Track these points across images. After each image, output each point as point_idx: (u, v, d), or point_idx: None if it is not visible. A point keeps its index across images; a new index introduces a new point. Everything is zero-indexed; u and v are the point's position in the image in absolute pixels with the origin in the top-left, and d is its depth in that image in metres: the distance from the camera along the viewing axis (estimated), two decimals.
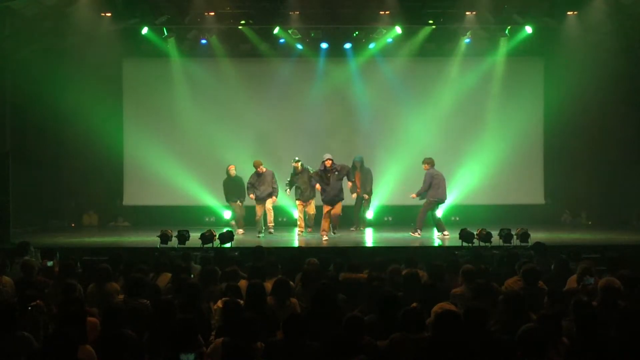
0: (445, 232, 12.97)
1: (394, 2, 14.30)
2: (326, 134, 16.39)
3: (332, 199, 12.93)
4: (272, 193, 13.32)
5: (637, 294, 6.39)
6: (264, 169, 13.39)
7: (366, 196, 14.45)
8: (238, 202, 14.16)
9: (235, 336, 5.00)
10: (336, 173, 12.95)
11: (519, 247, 10.33)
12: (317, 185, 13.03)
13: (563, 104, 15.84)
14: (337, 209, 13.06)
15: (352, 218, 14.66)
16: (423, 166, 13.40)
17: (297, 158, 13.51)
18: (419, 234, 13.00)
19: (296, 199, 13.51)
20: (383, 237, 13.66)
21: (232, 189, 14.13)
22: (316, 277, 7.32)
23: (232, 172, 14.12)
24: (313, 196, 13.46)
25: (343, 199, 13.22)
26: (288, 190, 13.62)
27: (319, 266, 8.18)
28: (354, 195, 14.29)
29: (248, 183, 13.54)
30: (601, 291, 6.07)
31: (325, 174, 12.93)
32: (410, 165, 16.06)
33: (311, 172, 13.29)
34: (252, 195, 13.46)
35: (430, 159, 13.41)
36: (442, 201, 13.32)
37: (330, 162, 12.92)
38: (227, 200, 14.30)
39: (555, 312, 5.38)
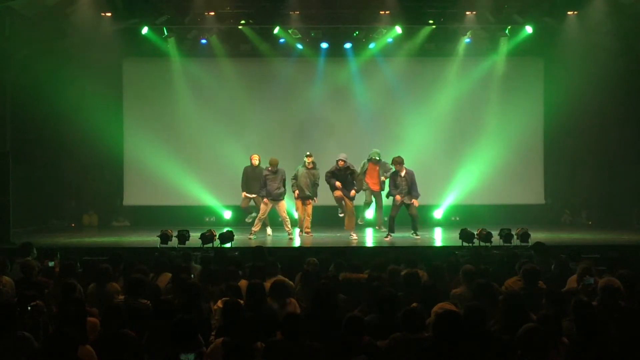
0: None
1: (394, 2, 14.31)
2: (326, 133, 16.40)
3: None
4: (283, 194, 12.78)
5: (637, 294, 6.39)
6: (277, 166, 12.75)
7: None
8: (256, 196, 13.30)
9: (235, 336, 5.00)
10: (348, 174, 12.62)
11: (519, 247, 10.32)
12: (338, 183, 12.54)
13: (563, 103, 15.84)
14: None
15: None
16: (395, 166, 12.58)
17: (308, 153, 12.93)
18: (418, 236, 12.76)
19: (297, 198, 13.10)
20: (383, 236, 13.64)
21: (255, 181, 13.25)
22: (316, 277, 7.32)
23: (255, 161, 13.36)
24: (313, 195, 13.16)
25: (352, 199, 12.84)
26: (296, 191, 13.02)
27: (319, 266, 8.17)
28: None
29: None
30: (601, 291, 6.07)
31: (336, 174, 12.64)
32: (411, 165, 16.01)
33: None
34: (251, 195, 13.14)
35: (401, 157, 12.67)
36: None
37: (342, 162, 12.58)
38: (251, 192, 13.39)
39: (556, 312, 5.39)
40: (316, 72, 16.42)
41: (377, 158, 13.48)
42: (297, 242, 12.37)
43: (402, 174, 12.60)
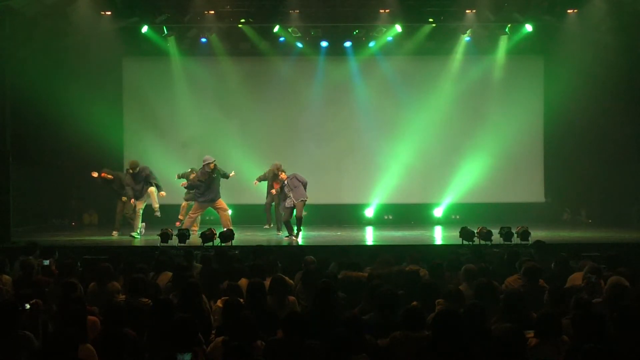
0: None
1: (393, 1, 14.29)
2: (326, 132, 16.41)
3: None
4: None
5: (637, 292, 6.38)
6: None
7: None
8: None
9: (235, 335, 5.00)
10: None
11: (519, 245, 10.32)
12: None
13: (563, 101, 15.82)
14: None
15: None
16: (281, 174, 13.00)
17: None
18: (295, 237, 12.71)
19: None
20: (384, 235, 13.67)
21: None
22: (316, 275, 7.31)
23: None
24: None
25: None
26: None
27: (318, 265, 8.17)
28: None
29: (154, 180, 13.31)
30: (610, 288, 6.06)
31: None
32: (410, 163, 16.13)
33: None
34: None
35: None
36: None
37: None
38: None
39: (557, 311, 5.39)
40: (316, 71, 16.42)
41: None
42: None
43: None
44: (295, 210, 12.65)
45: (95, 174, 13.52)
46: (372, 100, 16.39)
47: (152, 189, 13.18)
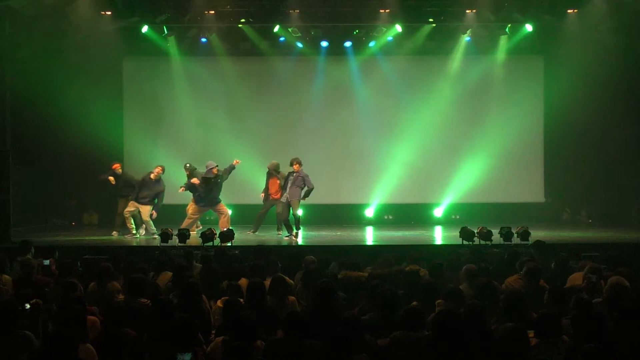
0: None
1: (394, 1, 14.30)
2: (326, 132, 16.41)
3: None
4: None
5: (637, 292, 6.38)
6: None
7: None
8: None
9: (235, 335, 5.00)
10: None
11: (519, 245, 10.32)
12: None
13: (563, 101, 15.81)
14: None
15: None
16: (296, 165, 12.67)
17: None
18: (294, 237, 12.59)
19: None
20: (384, 235, 13.66)
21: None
22: (316, 275, 7.31)
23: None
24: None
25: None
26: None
27: (318, 265, 8.17)
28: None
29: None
30: (610, 288, 6.06)
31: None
32: (410, 163, 16.12)
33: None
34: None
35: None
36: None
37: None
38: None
39: (557, 311, 5.39)
40: (316, 71, 16.42)
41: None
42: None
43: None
44: (291, 207, 12.66)
45: (111, 178, 13.54)
46: (372, 100, 16.39)
47: (148, 210, 13.11)
